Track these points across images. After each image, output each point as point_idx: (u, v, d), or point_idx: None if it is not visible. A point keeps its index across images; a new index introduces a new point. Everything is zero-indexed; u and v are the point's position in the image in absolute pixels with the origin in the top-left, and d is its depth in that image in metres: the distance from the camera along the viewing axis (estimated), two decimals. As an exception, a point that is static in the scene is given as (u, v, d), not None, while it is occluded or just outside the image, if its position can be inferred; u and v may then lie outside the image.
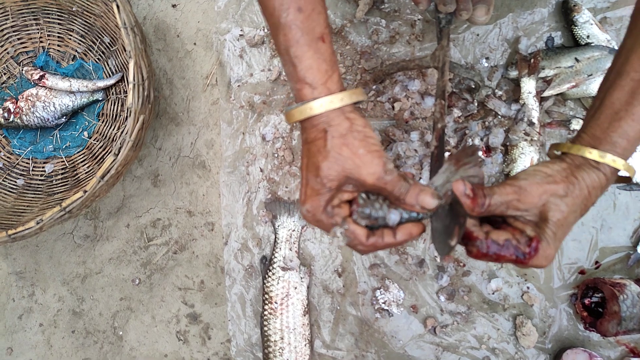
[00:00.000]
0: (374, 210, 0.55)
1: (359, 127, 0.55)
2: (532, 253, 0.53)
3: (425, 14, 1.02)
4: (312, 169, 0.55)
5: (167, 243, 1.12)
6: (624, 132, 0.54)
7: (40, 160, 1.15)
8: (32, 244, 1.17)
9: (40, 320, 1.16)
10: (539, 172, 0.56)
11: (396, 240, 0.56)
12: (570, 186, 0.54)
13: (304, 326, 1.00)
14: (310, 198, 0.55)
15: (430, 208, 0.54)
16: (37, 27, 1.15)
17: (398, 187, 0.54)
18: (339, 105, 0.54)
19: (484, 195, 0.54)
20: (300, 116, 0.54)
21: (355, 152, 0.53)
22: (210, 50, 1.12)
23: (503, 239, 0.53)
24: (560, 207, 0.53)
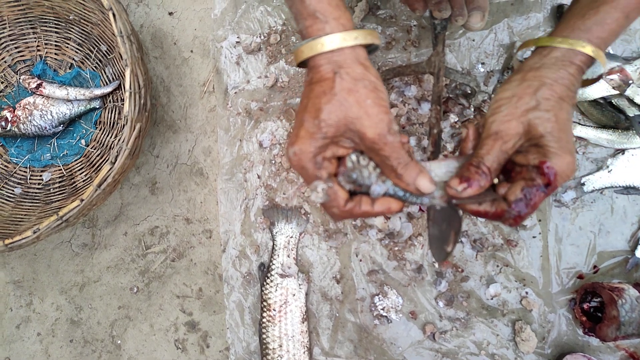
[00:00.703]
0: (361, 177, 0.52)
1: (372, 76, 0.50)
2: (551, 177, 0.49)
3: (421, 20, 1.02)
4: (312, 110, 0.50)
5: (165, 251, 1.11)
6: (601, 19, 0.50)
7: (37, 169, 1.15)
8: (30, 252, 1.17)
9: (38, 329, 1.16)
10: (500, 100, 0.52)
11: (373, 210, 0.52)
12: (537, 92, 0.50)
13: (302, 333, 0.99)
14: (302, 140, 0.50)
15: (425, 192, 0.51)
16: (35, 36, 1.15)
17: (397, 156, 0.50)
18: (352, 43, 0.49)
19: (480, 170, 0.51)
20: (310, 52, 0.50)
21: (362, 101, 0.49)
22: (207, 58, 1.13)
23: (520, 191, 0.50)
24: (542, 115, 0.50)
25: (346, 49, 0.50)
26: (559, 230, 0.96)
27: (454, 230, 0.53)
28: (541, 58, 0.52)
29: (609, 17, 0.50)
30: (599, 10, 0.51)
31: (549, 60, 0.52)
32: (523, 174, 0.51)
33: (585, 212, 0.96)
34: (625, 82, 0.90)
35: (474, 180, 0.50)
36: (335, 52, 0.49)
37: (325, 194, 0.51)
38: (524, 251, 0.97)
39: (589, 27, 0.51)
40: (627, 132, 0.92)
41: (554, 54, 0.52)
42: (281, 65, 1.07)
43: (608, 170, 0.94)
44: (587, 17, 0.51)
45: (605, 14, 0.50)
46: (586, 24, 0.51)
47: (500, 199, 0.52)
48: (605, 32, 0.51)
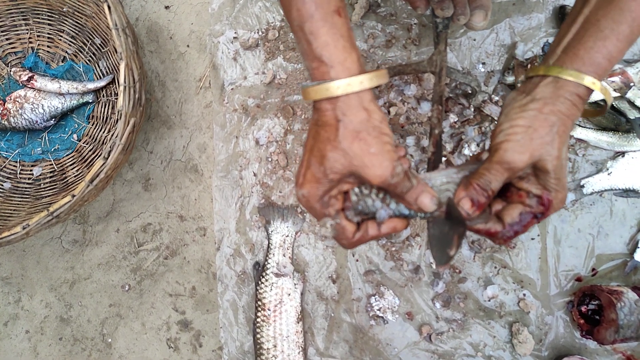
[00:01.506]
0: (366, 207, 0.55)
1: (376, 121, 0.51)
2: (547, 209, 0.53)
3: (422, 18, 1.01)
4: (317, 155, 0.52)
5: (158, 248, 1.09)
6: (609, 53, 0.51)
7: (28, 163, 1.12)
8: (19, 248, 1.14)
9: (27, 327, 1.13)
10: (516, 127, 0.53)
11: (381, 233, 0.56)
12: (553, 127, 0.51)
13: (297, 333, 0.98)
14: (309, 184, 0.53)
15: (427, 210, 0.54)
16: (27, 28, 1.12)
17: (401, 187, 0.52)
18: (358, 89, 0.50)
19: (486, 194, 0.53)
20: (317, 96, 0.51)
21: (366, 150, 0.50)
22: (204, 53, 1.11)
23: (517, 215, 0.54)
24: (552, 152, 0.51)
25: (351, 94, 0.50)
26: (557, 232, 0.95)
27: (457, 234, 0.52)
28: (556, 90, 0.52)
29: (616, 50, 0.51)
30: (606, 43, 0.51)
31: (563, 93, 0.52)
32: (521, 199, 0.54)
33: (584, 215, 0.95)
34: (626, 84, 0.89)
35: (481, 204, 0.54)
36: (340, 97, 0.50)
37: (334, 229, 0.54)
38: (522, 253, 0.96)
39: (598, 62, 0.51)
40: (627, 135, 0.92)
41: (568, 88, 0.52)
42: (279, 61, 1.06)
43: (608, 173, 0.93)
44: (596, 50, 0.51)
45: (612, 47, 0.51)
46: (595, 58, 0.51)
47: (494, 218, 0.56)
48: (612, 65, 0.52)
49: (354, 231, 0.55)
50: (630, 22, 0.50)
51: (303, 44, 0.51)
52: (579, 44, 0.52)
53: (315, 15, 0.50)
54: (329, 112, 0.51)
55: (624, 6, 0.50)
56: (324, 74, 0.51)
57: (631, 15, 0.50)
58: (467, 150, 0.95)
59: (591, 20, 0.52)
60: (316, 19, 0.50)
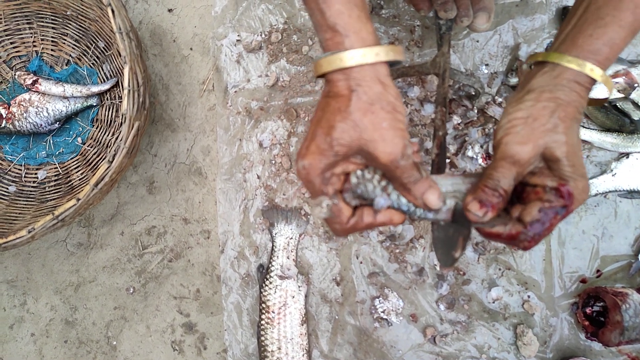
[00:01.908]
0: (366, 191, 0.52)
1: (391, 96, 0.48)
2: (568, 200, 0.49)
3: (425, 20, 1.01)
4: (325, 125, 0.49)
5: (162, 251, 1.10)
6: (610, 39, 0.49)
7: (32, 167, 1.13)
8: (24, 251, 1.15)
9: (32, 330, 1.14)
10: (515, 120, 0.51)
11: (376, 221, 0.52)
12: (554, 114, 0.49)
13: (301, 336, 0.98)
14: (312, 155, 0.49)
15: (433, 207, 0.51)
16: (31, 31, 1.13)
17: (408, 175, 0.49)
18: (372, 60, 0.47)
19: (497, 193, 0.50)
20: (329, 67, 0.48)
21: (378, 123, 0.47)
22: (207, 56, 1.11)
23: (537, 211, 0.49)
24: (559, 138, 0.49)
25: (366, 65, 0.48)
26: (562, 234, 0.95)
27: (462, 236, 0.52)
28: (553, 79, 0.51)
29: (618, 37, 0.49)
30: (607, 30, 0.49)
31: (561, 81, 0.50)
32: (538, 195, 0.50)
33: (589, 216, 0.95)
34: (630, 85, 0.89)
35: (494, 205, 0.50)
36: (354, 68, 0.48)
37: (330, 210, 0.50)
38: (527, 254, 0.96)
39: (598, 48, 0.50)
40: (631, 136, 0.91)
41: (565, 75, 0.50)
42: (282, 64, 1.06)
43: (612, 174, 0.93)
44: (596, 37, 0.50)
45: (614, 33, 0.49)
46: (595, 44, 0.50)
47: (514, 220, 0.51)
48: (614, 52, 0.50)
49: (350, 216, 0.52)
50: (633, 9, 0.49)
51: (316, 15, 0.49)
52: (578, 33, 0.51)
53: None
54: (342, 82, 0.49)
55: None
56: (337, 44, 0.48)
57: (633, 2, 0.48)
58: (470, 152, 0.95)
59: (591, 9, 0.51)
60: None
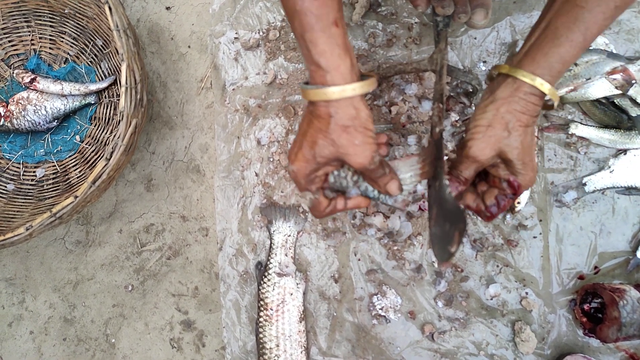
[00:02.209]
0: (340, 186, 0.68)
1: (362, 119, 0.60)
2: (517, 189, 0.64)
3: (423, 17, 1.01)
4: (309, 141, 0.62)
5: (161, 249, 1.10)
6: (561, 57, 0.59)
7: (31, 165, 1.13)
8: (23, 249, 1.15)
9: (31, 327, 1.14)
10: (478, 127, 0.63)
11: (347, 206, 0.69)
12: (508, 124, 0.61)
13: (300, 333, 0.98)
14: (299, 162, 0.63)
15: (393, 194, 0.66)
16: (29, 30, 1.13)
17: (375, 173, 0.63)
18: (350, 95, 0.58)
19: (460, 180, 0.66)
20: (315, 98, 0.59)
21: (352, 141, 0.60)
22: (205, 53, 1.11)
23: (494, 198, 0.66)
24: (512, 144, 0.62)
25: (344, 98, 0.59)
26: (559, 231, 0.95)
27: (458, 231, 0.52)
28: (512, 91, 0.61)
29: (568, 54, 0.59)
30: (560, 49, 0.59)
31: (518, 93, 0.61)
32: (496, 184, 0.66)
33: (587, 213, 0.95)
34: (628, 81, 0.89)
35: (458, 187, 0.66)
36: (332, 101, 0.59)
37: (312, 202, 0.67)
38: (525, 251, 0.96)
39: (551, 65, 0.59)
40: (629, 132, 0.91)
41: (522, 88, 0.61)
42: (280, 61, 1.06)
43: (610, 171, 0.93)
44: (550, 55, 0.59)
45: (565, 52, 0.59)
46: (549, 61, 0.59)
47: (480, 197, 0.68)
48: (565, 67, 0.60)
49: (326, 206, 0.68)
50: (584, 31, 0.57)
51: (304, 50, 0.59)
52: (537, 49, 0.61)
53: (315, 27, 0.56)
54: (323, 107, 0.59)
55: (578, 16, 0.57)
56: (321, 77, 0.58)
57: (585, 25, 0.57)
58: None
59: (550, 27, 0.60)
60: (316, 29, 0.56)
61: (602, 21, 0.57)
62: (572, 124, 0.95)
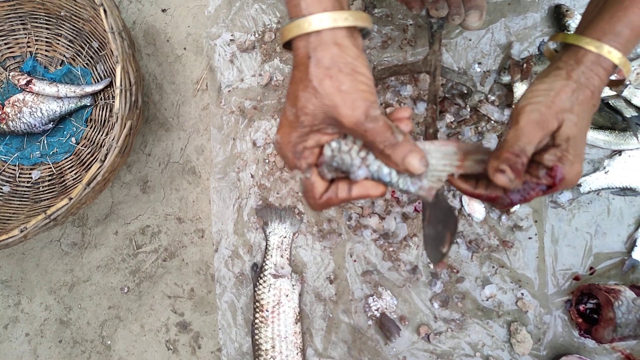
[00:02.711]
0: (343, 164, 0.49)
1: (349, 57, 0.47)
2: (557, 182, 0.50)
3: (418, 18, 1.01)
4: (291, 97, 0.49)
5: (157, 250, 1.10)
6: (630, 22, 0.50)
7: (26, 167, 1.13)
8: (18, 251, 1.15)
9: (27, 329, 1.14)
10: (538, 91, 0.52)
11: (351, 195, 0.50)
12: (574, 94, 0.51)
13: (295, 334, 0.98)
14: (283, 129, 0.49)
15: (416, 172, 0.47)
16: (25, 32, 1.13)
17: (382, 138, 0.47)
18: (330, 25, 0.46)
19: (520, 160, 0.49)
20: (289, 34, 0.48)
21: (338, 86, 0.46)
22: (201, 55, 1.11)
23: (521, 183, 0.51)
24: (572, 119, 0.50)
25: (323, 30, 0.47)
26: (555, 231, 0.95)
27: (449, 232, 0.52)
28: (576, 60, 0.52)
29: (638, 19, 0.50)
30: (627, 12, 0.50)
31: (584, 63, 0.51)
32: (531, 169, 0.51)
33: (582, 213, 0.95)
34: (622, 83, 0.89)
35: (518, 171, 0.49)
36: (312, 34, 0.47)
37: (302, 184, 0.50)
38: (520, 252, 0.96)
39: (619, 30, 0.51)
40: (624, 133, 0.92)
41: (588, 57, 0.51)
42: (275, 63, 1.06)
43: (605, 172, 0.93)
44: (616, 20, 0.51)
45: (634, 16, 0.50)
46: (615, 27, 0.51)
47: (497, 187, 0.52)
48: (635, 34, 0.51)
49: (323, 191, 0.50)
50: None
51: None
52: (599, 17, 0.52)
53: None
54: (301, 49, 0.48)
55: None
56: (295, 8, 0.47)
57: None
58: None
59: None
60: None
61: None
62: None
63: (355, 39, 0.49)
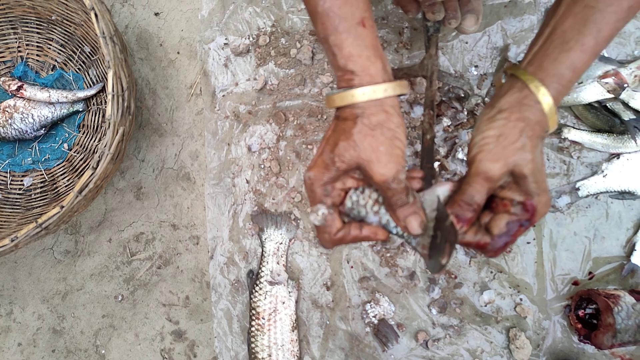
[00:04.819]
0: (358, 215, 0.58)
1: (392, 124, 0.53)
2: (532, 215, 0.53)
3: (413, 21, 1.00)
4: (331, 143, 0.54)
5: (151, 258, 1.08)
6: (572, 64, 0.52)
7: (18, 174, 1.11)
8: (10, 260, 1.13)
9: (19, 339, 1.12)
10: (487, 139, 0.54)
11: (361, 234, 0.57)
12: (522, 134, 0.53)
13: (292, 342, 0.97)
14: (317, 168, 0.55)
15: (412, 232, 0.55)
16: (15, 37, 1.11)
17: (397, 198, 0.54)
18: (381, 96, 0.52)
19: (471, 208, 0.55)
20: (342, 102, 0.53)
21: (376, 147, 0.52)
22: (194, 60, 1.10)
23: (504, 225, 0.54)
24: (525, 157, 0.52)
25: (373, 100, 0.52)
26: (553, 236, 0.94)
27: (449, 243, 0.51)
28: (521, 99, 0.54)
29: (580, 61, 0.52)
30: (570, 54, 0.52)
31: (529, 102, 0.53)
32: (506, 207, 0.55)
33: (580, 218, 0.94)
34: (620, 85, 0.89)
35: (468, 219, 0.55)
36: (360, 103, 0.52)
37: (324, 219, 0.56)
38: (518, 257, 0.95)
39: (561, 72, 0.53)
40: (622, 137, 0.91)
41: (532, 97, 0.53)
42: (270, 67, 1.05)
43: (603, 175, 0.92)
44: (560, 62, 0.53)
45: (576, 58, 0.52)
46: (559, 69, 0.53)
47: (483, 230, 0.56)
48: (575, 75, 0.53)
49: (339, 228, 0.57)
50: (595, 34, 0.51)
51: (329, 55, 0.54)
52: (544, 55, 0.54)
53: (340, 28, 0.51)
54: (349, 110, 0.53)
55: (589, 18, 0.51)
56: (349, 81, 0.53)
57: (596, 27, 0.51)
58: (461, 154, 0.94)
59: (557, 32, 0.54)
60: (340, 31, 0.51)
61: (615, 23, 0.51)
62: (564, 128, 0.94)
63: (398, 105, 0.54)
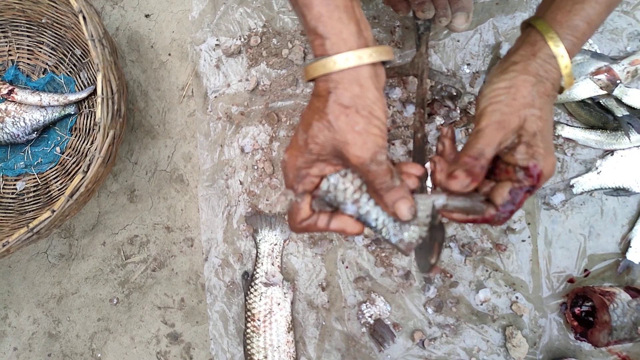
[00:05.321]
0: (335, 201, 0.52)
1: (368, 100, 0.48)
2: (537, 180, 0.50)
3: (405, 20, 0.99)
4: (305, 123, 0.50)
5: (145, 260, 1.08)
6: (587, 15, 0.51)
7: (10, 178, 1.10)
8: (4, 264, 1.13)
9: (15, 344, 1.11)
10: (498, 90, 0.52)
11: (328, 227, 0.53)
12: (534, 88, 0.51)
13: (288, 343, 0.96)
14: (291, 150, 0.51)
15: (403, 218, 0.50)
16: (6, 40, 1.11)
17: (381, 180, 0.49)
18: (355, 64, 0.47)
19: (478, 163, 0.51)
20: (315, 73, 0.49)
21: (351, 126, 0.47)
22: (186, 61, 1.09)
23: (507, 193, 0.51)
24: (534, 112, 0.51)
25: (347, 69, 0.48)
26: (548, 234, 0.94)
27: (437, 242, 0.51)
28: (534, 52, 0.53)
29: (594, 12, 0.51)
30: (584, 6, 0.51)
31: (542, 55, 0.52)
32: (509, 174, 0.52)
33: (575, 215, 0.94)
34: (613, 82, 0.88)
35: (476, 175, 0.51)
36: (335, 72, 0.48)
37: (290, 205, 0.52)
38: (514, 255, 0.95)
39: (576, 24, 0.52)
40: (615, 133, 0.90)
41: (545, 51, 0.52)
42: (262, 68, 1.04)
43: (597, 172, 0.92)
44: (574, 13, 0.52)
45: (590, 9, 0.51)
46: (573, 20, 0.52)
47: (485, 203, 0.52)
48: (590, 28, 0.52)
49: (305, 218, 0.53)
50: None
51: (300, 18, 0.49)
52: (558, 9, 0.53)
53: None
54: (323, 83, 0.49)
55: None
56: (320, 47, 0.48)
57: None
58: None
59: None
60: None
61: None
62: (558, 125, 0.94)
63: (378, 76, 0.49)
